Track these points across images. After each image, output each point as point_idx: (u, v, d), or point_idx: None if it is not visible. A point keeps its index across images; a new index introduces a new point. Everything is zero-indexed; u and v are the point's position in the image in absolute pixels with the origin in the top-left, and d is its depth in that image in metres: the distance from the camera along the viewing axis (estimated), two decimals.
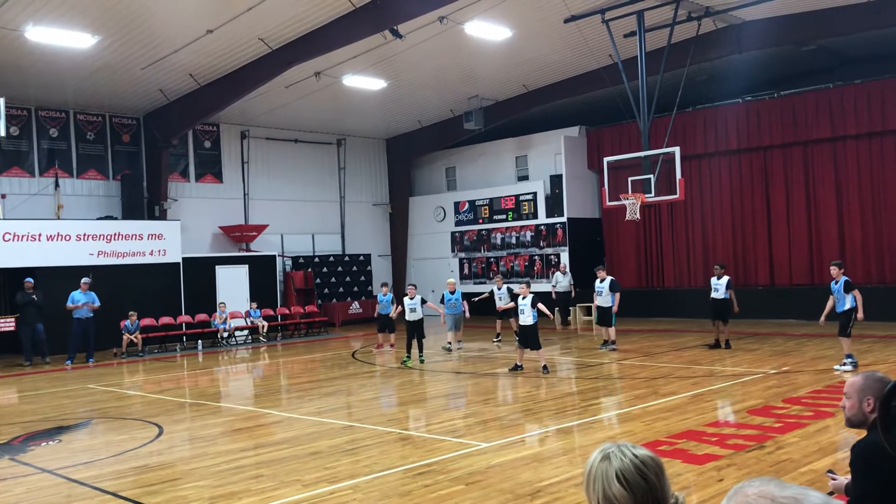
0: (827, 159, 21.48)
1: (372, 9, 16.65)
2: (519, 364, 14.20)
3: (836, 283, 13.03)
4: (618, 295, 16.80)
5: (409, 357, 15.86)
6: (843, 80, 21.13)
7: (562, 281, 22.02)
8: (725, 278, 16.15)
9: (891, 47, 20.26)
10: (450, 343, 18.09)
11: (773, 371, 12.91)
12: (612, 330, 16.88)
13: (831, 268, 13.28)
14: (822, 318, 13.39)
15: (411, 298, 16.15)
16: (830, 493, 4.18)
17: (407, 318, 16.03)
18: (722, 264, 17.26)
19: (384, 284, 18.97)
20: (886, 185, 20.48)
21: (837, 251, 21.07)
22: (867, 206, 20.80)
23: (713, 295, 16.19)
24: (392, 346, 18.49)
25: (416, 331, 15.93)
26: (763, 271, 22.47)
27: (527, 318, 13.92)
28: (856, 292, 12.85)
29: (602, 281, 17.09)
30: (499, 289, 19.46)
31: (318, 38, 17.76)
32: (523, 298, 13.99)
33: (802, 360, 14.11)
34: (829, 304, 13.18)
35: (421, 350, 15.99)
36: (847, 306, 12.85)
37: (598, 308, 17.31)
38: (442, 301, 17.95)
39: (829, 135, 21.15)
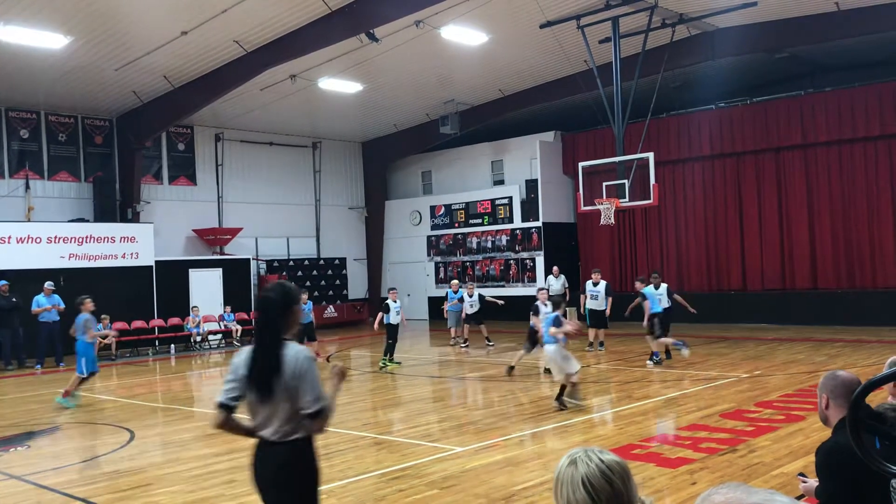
0: (798, 166, 21.76)
1: (348, 12, 16.62)
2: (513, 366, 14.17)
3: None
4: (610, 299, 17.15)
5: (385, 360, 15.83)
6: (814, 88, 21.46)
7: (554, 284, 21.94)
8: (604, 283, 16.27)
9: (860, 56, 20.61)
10: (456, 338, 19.33)
11: (746, 375, 13.04)
12: (602, 332, 17.21)
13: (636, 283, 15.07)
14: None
15: (394, 301, 16.08)
16: (801, 497, 4.23)
17: (392, 321, 15.83)
18: (597, 269, 17.55)
19: (302, 292, 18.39)
20: (856, 191, 20.79)
21: (808, 256, 21.39)
22: (837, 212, 21.09)
23: (590, 305, 16.45)
24: (318, 354, 17.86)
25: (395, 334, 15.89)
26: (735, 276, 22.68)
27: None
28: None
29: (597, 284, 17.35)
30: (470, 296, 19.28)
31: (293, 40, 17.69)
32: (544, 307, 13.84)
33: (774, 364, 14.26)
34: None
35: (392, 353, 15.92)
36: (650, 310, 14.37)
37: (591, 311, 17.37)
38: (446, 298, 19.56)
39: (801, 142, 21.43)
